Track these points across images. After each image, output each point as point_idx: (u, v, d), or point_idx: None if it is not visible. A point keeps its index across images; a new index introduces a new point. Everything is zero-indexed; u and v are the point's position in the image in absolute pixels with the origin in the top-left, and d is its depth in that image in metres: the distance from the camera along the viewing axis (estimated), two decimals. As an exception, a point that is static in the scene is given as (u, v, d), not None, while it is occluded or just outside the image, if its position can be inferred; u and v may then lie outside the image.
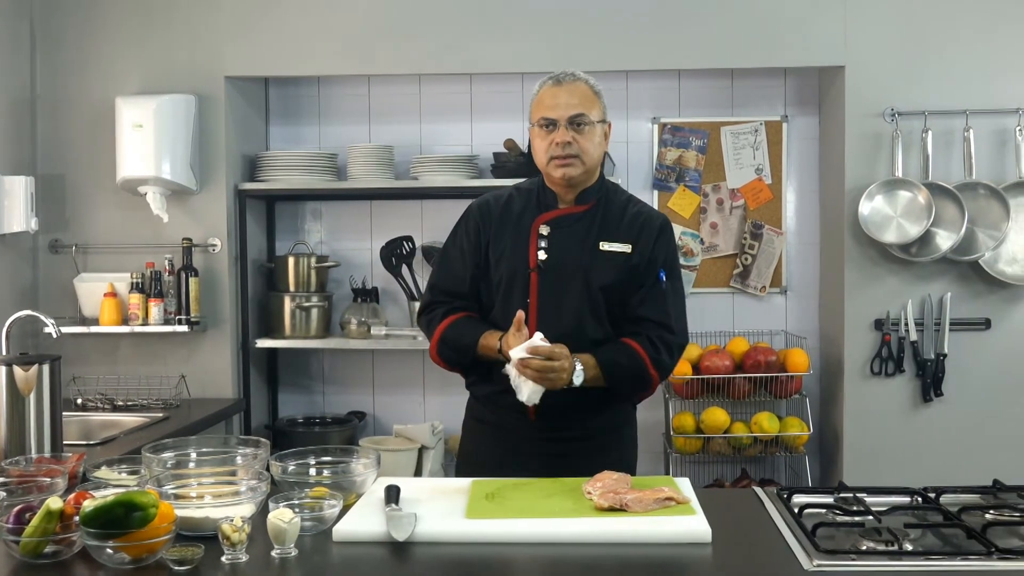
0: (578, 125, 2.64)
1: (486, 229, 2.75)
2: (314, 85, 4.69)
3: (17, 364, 2.59)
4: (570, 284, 2.66)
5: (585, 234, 2.69)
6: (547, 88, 2.70)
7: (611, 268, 2.66)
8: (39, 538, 1.87)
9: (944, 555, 1.85)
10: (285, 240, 4.69)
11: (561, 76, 2.71)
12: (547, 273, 2.66)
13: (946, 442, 4.15)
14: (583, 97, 2.67)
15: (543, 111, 2.66)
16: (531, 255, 2.67)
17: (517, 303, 2.65)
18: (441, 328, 2.73)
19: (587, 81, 2.72)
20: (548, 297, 2.65)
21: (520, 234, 2.71)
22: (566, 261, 2.67)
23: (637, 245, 2.68)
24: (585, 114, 2.64)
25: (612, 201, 2.76)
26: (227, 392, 4.26)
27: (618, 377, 2.63)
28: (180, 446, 2.40)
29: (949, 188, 4.05)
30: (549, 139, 2.64)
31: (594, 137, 2.67)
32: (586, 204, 2.72)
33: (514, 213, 2.75)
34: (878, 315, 4.18)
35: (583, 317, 2.65)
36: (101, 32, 4.26)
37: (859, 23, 4.13)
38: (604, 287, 2.65)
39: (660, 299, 2.69)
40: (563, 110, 2.64)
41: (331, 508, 2.08)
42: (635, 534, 1.98)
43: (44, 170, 4.26)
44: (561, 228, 2.70)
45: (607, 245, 2.68)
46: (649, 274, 2.69)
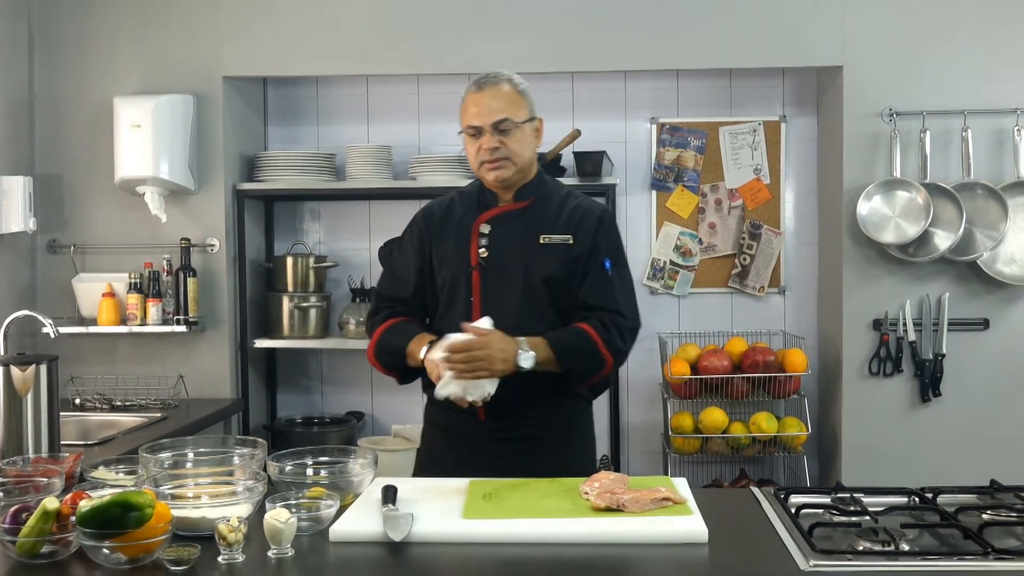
0: (503, 131, 2.65)
1: (429, 234, 2.79)
2: (312, 85, 4.69)
3: (14, 364, 2.58)
4: (512, 279, 2.68)
5: (525, 229, 2.72)
6: (471, 95, 2.70)
7: (552, 260, 2.68)
8: (35, 538, 1.87)
9: (941, 555, 1.85)
10: (284, 240, 4.69)
11: (483, 81, 2.70)
12: (488, 270, 2.69)
13: (944, 442, 4.15)
14: (506, 100, 2.66)
15: (468, 119, 2.68)
16: (472, 254, 2.71)
17: (461, 302, 2.70)
18: (379, 332, 2.78)
19: (511, 80, 2.71)
20: (491, 294, 2.68)
21: (462, 235, 2.74)
22: (507, 257, 2.69)
23: (578, 236, 2.70)
24: (509, 118, 2.65)
25: (551, 196, 2.78)
26: (225, 392, 4.26)
27: (570, 357, 2.62)
28: (177, 446, 2.40)
29: (947, 188, 4.05)
30: (477, 145, 2.67)
31: (522, 138, 2.68)
32: (525, 201, 2.75)
33: (456, 216, 2.78)
34: (876, 315, 4.18)
35: (526, 311, 2.67)
36: (99, 32, 4.26)
37: (857, 23, 4.13)
38: (546, 279, 2.67)
39: (607, 287, 2.70)
40: (486, 116, 2.65)
41: (328, 508, 2.09)
42: (632, 534, 1.98)
43: (42, 170, 4.26)
44: (501, 225, 2.73)
45: (547, 238, 2.70)
46: (592, 264, 2.70)
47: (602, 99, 4.63)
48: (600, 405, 4.41)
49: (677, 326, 4.60)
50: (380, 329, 2.78)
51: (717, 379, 4.20)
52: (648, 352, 4.60)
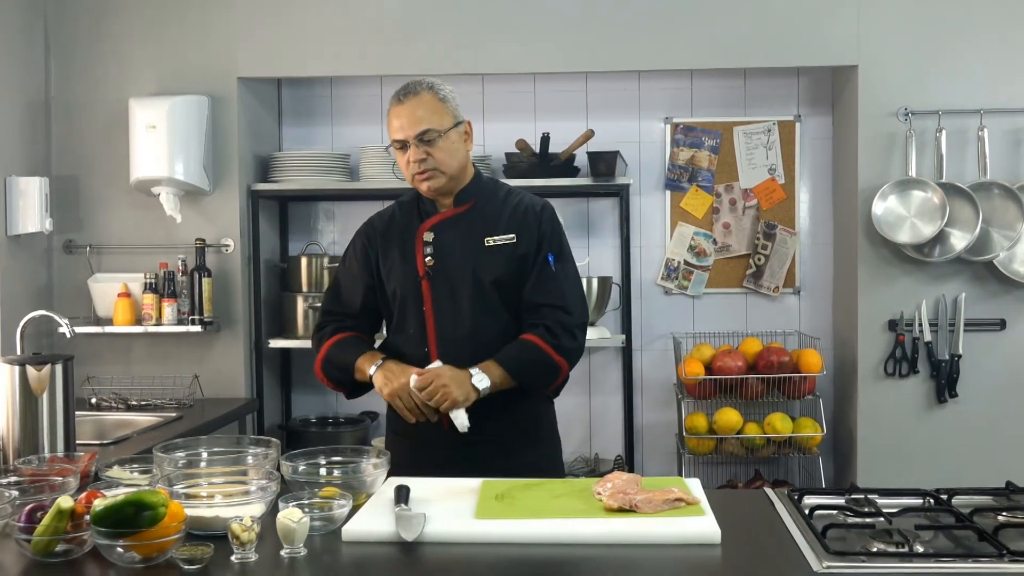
0: (428, 141, 2.62)
1: (373, 247, 2.79)
2: (326, 85, 4.70)
3: (30, 364, 2.60)
4: (461, 285, 2.68)
5: (468, 233, 2.71)
6: (393, 108, 2.68)
7: (499, 261, 2.68)
8: (50, 537, 1.88)
9: (955, 557, 1.84)
10: (298, 240, 4.70)
11: (402, 93, 2.67)
12: (436, 278, 2.69)
13: (961, 443, 4.13)
14: (427, 110, 2.63)
15: (393, 132, 2.67)
16: (419, 263, 2.70)
17: (413, 312, 2.70)
18: (327, 346, 2.78)
19: (431, 88, 2.67)
20: (442, 302, 2.68)
21: (406, 245, 2.74)
22: (453, 263, 2.69)
23: (521, 234, 2.70)
24: (431, 128, 2.62)
25: (491, 197, 2.77)
26: (240, 392, 4.28)
27: (524, 373, 2.64)
28: (191, 446, 2.40)
29: (963, 188, 4.03)
30: (405, 158, 2.65)
31: (448, 146, 2.65)
32: (466, 204, 2.74)
33: (398, 226, 2.78)
34: (892, 315, 4.16)
35: (479, 315, 2.67)
36: (114, 34, 4.28)
37: (872, 22, 4.11)
38: (495, 281, 2.67)
39: (551, 282, 2.69)
40: (409, 129, 2.63)
41: (340, 508, 2.09)
42: (644, 535, 1.98)
43: (58, 171, 4.28)
44: (444, 231, 2.72)
45: (492, 239, 2.70)
46: (534, 261, 2.70)
47: (616, 99, 4.62)
48: (614, 406, 4.48)
49: (691, 326, 4.59)
50: (328, 344, 2.78)
51: (731, 380, 4.19)
52: (662, 352, 4.60)
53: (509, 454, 2.67)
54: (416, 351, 2.70)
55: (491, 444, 2.67)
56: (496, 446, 2.68)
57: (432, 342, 2.69)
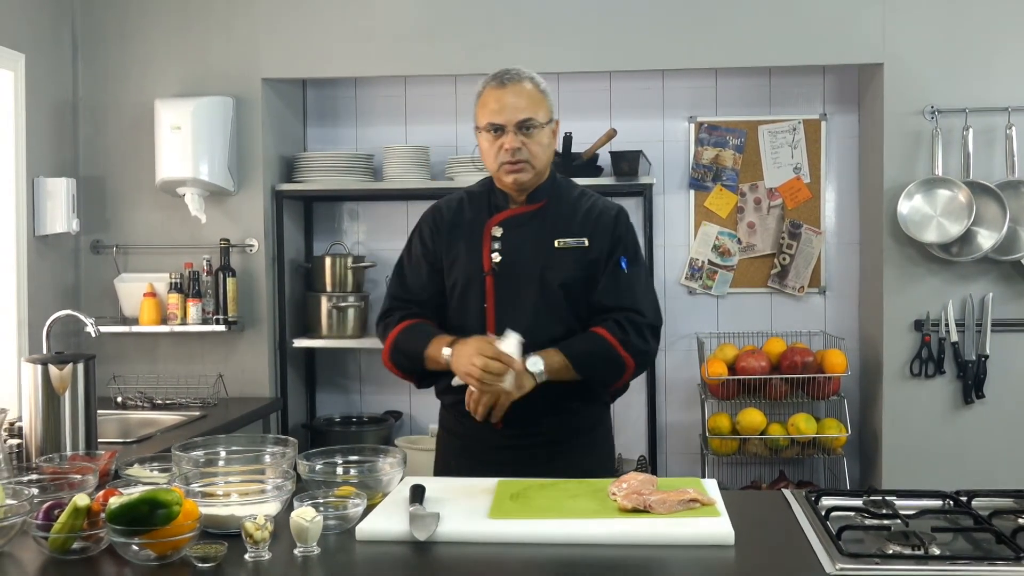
0: (527, 129, 2.54)
1: (438, 235, 2.69)
2: (351, 86, 4.72)
3: (52, 363, 2.63)
4: (526, 285, 2.59)
5: (539, 233, 2.62)
6: (491, 90, 2.58)
7: (568, 264, 2.59)
8: (66, 534, 1.90)
9: (971, 560, 1.82)
10: (323, 240, 4.73)
11: (505, 76, 2.59)
12: (502, 276, 2.60)
13: (988, 445, 4.09)
14: (529, 98, 2.56)
15: (489, 115, 2.56)
16: (485, 259, 2.61)
17: (473, 308, 2.62)
18: (394, 333, 2.67)
19: (532, 79, 2.61)
20: (504, 300, 2.59)
21: (473, 238, 2.64)
22: (521, 262, 2.60)
23: (594, 238, 2.61)
24: (533, 117, 2.55)
25: (564, 197, 2.68)
26: (264, 391, 4.30)
27: (586, 364, 2.54)
28: (209, 445, 2.42)
29: (990, 186, 3.98)
30: (497, 144, 2.55)
31: (543, 139, 2.58)
32: (538, 202, 2.65)
33: (466, 217, 2.68)
34: (918, 316, 4.12)
35: (541, 317, 2.57)
36: (141, 36, 4.32)
37: (898, 19, 4.07)
38: (563, 284, 2.58)
39: (624, 285, 2.61)
40: (510, 114, 2.54)
41: (355, 507, 2.09)
42: (657, 536, 1.97)
43: (86, 172, 4.33)
44: (514, 228, 2.64)
45: (562, 242, 2.61)
46: (606, 265, 2.61)
47: (639, 98, 4.61)
48: (638, 406, 4.45)
49: (716, 326, 4.57)
50: (395, 331, 2.67)
51: (755, 380, 4.16)
52: (686, 352, 4.58)
53: (562, 457, 2.58)
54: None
55: (544, 447, 2.60)
56: (549, 449, 2.60)
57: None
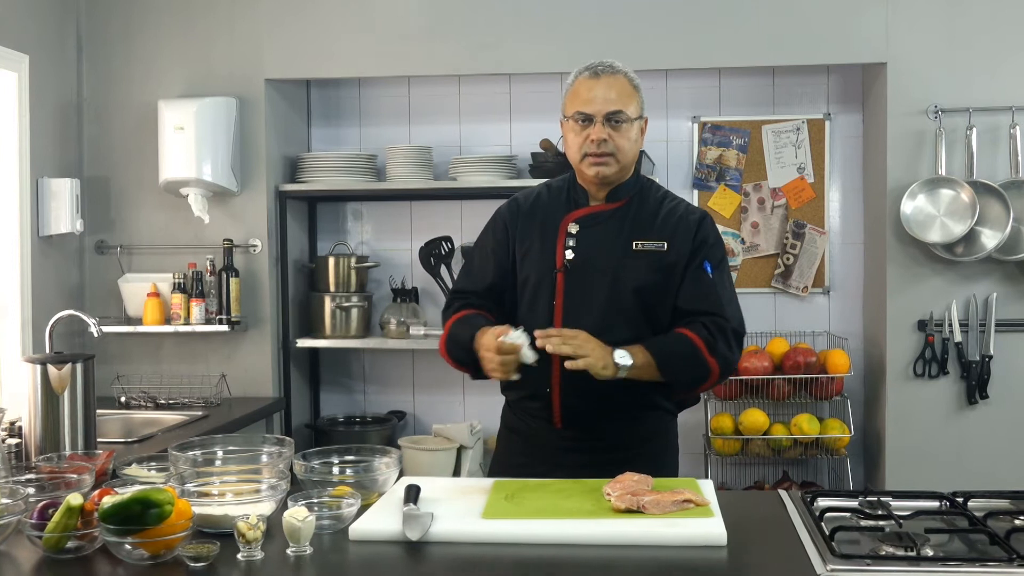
0: (616, 123, 2.50)
1: (513, 229, 2.63)
2: (354, 87, 4.73)
3: (51, 363, 2.64)
4: (598, 285, 2.52)
5: (617, 233, 2.55)
6: (583, 80, 2.54)
7: (645, 268, 2.52)
8: (60, 534, 1.91)
9: (962, 561, 1.81)
10: (327, 240, 4.73)
11: (599, 67, 2.54)
12: (574, 274, 2.53)
13: (992, 446, 4.07)
14: (621, 91, 2.52)
15: (579, 105, 2.51)
16: (558, 254, 2.55)
17: (543, 304, 2.55)
18: (449, 324, 2.62)
19: (626, 74, 2.56)
20: (574, 298, 2.52)
21: (548, 233, 2.58)
22: (595, 261, 2.53)
23: (673, 243, 2.54)
24: (623, 111, 2.50)
25: (646, 198, 2.61)
26: (267, 391, 4.31)
27: (672, 366, 2.46)
28: (206, 445, 2.43)
29: (993, 186, 3.96)
30: (584, 135, 2.51)
31: (631, 134, 2.53)
32: (619, 201, 2.58)
33: (543, 211, 2.62)
34: (922, 316, 4.11)
35: (612, 319, 2.49)
36: (145, 37, 4.33)
37: (902, 19, 4.06)
38: (637, 288, 2.51)
39: (708, 289, 2.53)
40: (600, 105, 2.49)
41: (349, 507, 2.10)
42: (649, 536, 1.97)
43: (90, 172, 4.35)
44: (591, 226, 2.56)
45: (641, 244, 2.53)
46: (690, 269, 2.54)
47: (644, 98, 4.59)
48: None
49: (719, 326, 4.55)
50: (451, 321, 2.62)
51: (757, 380, 4.16)
52: (690, 353, 4.57)
53: (624, 464, 2.40)
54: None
55: (605, 452, 2.55)
56: (611, 455, 2.53)
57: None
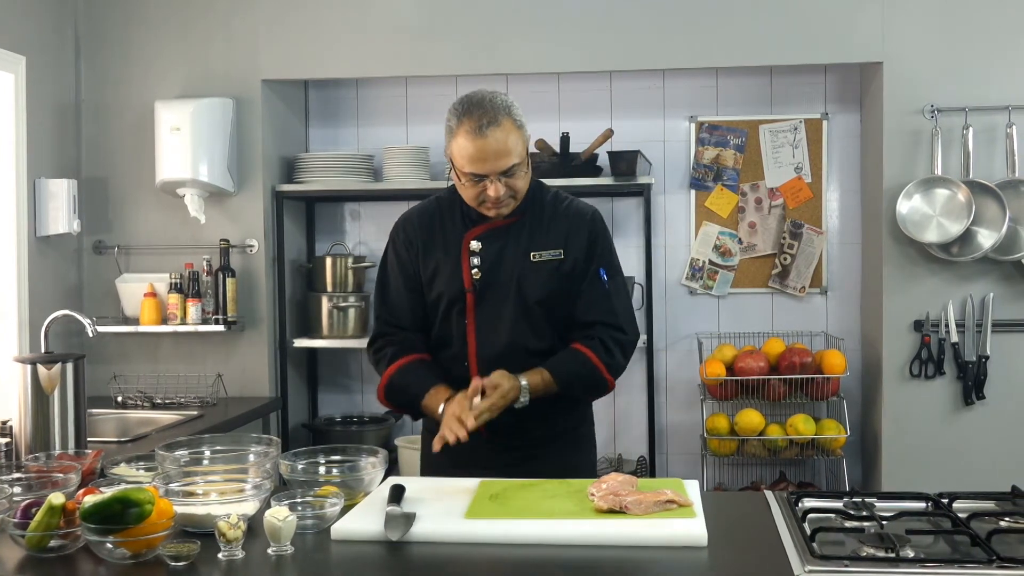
0: (510, 176, 2.47)
1: (413, 250, 2.64)
2: (352, 87, 4.73)
3: (41, 363, 2.65)
4: (505, 300, 2.57)
5: (515, 245, 2.58)
6: (469, 138, 2.42)
7: (544, 278, 2.56)
8: (42, 533, 1.92)
9: (941, 562, 1.81)
10: (325, 241, 4.74)
11: (482, 122, 2.41)
12: (482, 293, 2.57)
13: (988, 446, 4.06)
14: (507, 142, 2.43)
15: (469, 165, 2.44)
16: (464, 275, 2.57)
17: (455, 325, 2.60)
18: (389, 373, 2.64)
19: (509, 113, 2.46)
20: (485, 318, 2.57)
21: (450, 251, 2.60)
22: (499, 277, 2.57)
23: (568, 249, 2.58)
24: (516, 163, 2.46)
25: (539, 205, 2.62)
26: (264, 391, 4.32)
27: (572, 385, 2.58)
28: (193, 444, 2.44)
29: (990, 186, 3.95)
30: (478, 189, 2.48)
31: (525, 172, 2.52)
32: (516, 215, 2.59)
33: (441, 228, 2.62)
34: (918, 316, 4.10)
35: (520, 334, 2.57)
36: (141, 38, 4.35)
37: (898, 18, 4.05)
38: (540, 300, 2.56)
39: (604, 299, 2.60)
40: (492, 164, 2.43)
41: (332, 507, 2.10)
42: (630, 536, 1.97)
43: (88, 173, 4.36)
44: (492, 241, 2.58)
45: (538, 254, 2.57)
46: (583, 276, 2.59)
47: (640, 98, 4.60)
48: (638, 406, 4.46)
49: (716, 327, 4.56)
50: (389, 372, 2.64)
51: (753, 380, 4.15)
52: (687, 353, 4.58)
53: (543, 458, 2.58)
54: (457, 367, 2.61)
55: (527, 448, 2.61)
56: (530, 451, 2.61)
57: (472, 359, 2.59)
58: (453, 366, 2.63)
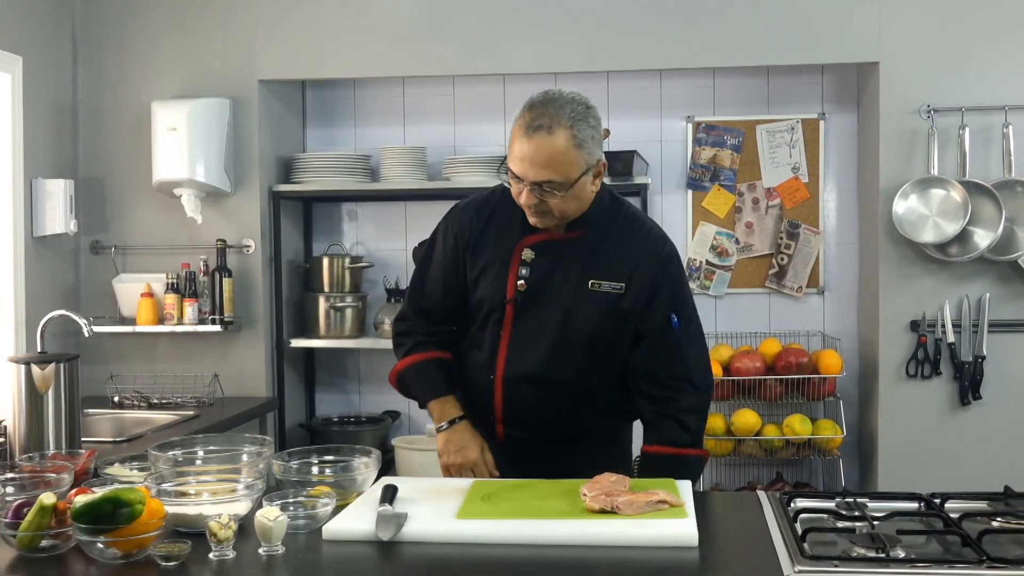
0: (544, 191, 2.28)
1: (463, 242, 2.49)
2: (349, 87, 4.74)
3: (34, 363, 2.66)
4: (548, 323, 2.40)
5: (573, 265, 2.40)
6: (517, 133, 2.28)
7: (599, 312, 2.38)
8: (33, 532, 1.92)
9: (931, 563, 1.81)
10: (322, 241, 4.75)
11: (535, 124, 2.24)
12: (524, 307, 2.41)
13: (985, 447, 4.05)
14: (553, 158, 2.23)
15: (512, 161, 2.29)
16: (510, 283, 2.42)
17: (490, 333, 2.46)
18: (402, 365, 2.58)
19: (570, 126, 2.24)
20: (521, 334, 2.42)
21: (500, 255, 2.44)
22: (547, 295, 2.40)
23: (631, 285, 2.39)
24: (554, 180, 2.25)
25: (609, 225, 2.43)
26: (261, 391, 4.32)
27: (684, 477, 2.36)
28: (187, 444, 2.44)
29: (986, 186, 3.95)
30: (517, 188, 2.32)
31: (569, 197, 2.30)
32: (578, 230, 2.41)
33: (497, 227, 2.47)
34: (914, 316, 4.09)
35: (556, 362, 2.41)
36: (139, 39, 4.35)
37: (894, 18, 4.05)
38: (590, 334, 2.39)
39: (674, 350, 2.41)
40: (529, 171, 2.26)
41: (324, 507, 2.10)
42: (620, 537, 1.96)
43: (85, 173, 4.37)
44: (547, 254, 2.41)
45: (597, 283, 2.39)
46: (648, 319, 2.40)
47: (637, 98, 4.60)
48: (633, 406, 4.43)
49: (714, 327, 4.55)
50: (404, 363, 2.57)
51: (749, 381, 4.15)
52: (684, 353, 4.56)
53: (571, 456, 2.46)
54: (482, 378, 2.49)
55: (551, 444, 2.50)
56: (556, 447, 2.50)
57: (499, 375, 2.46)
58: (480, 374, 2.50)
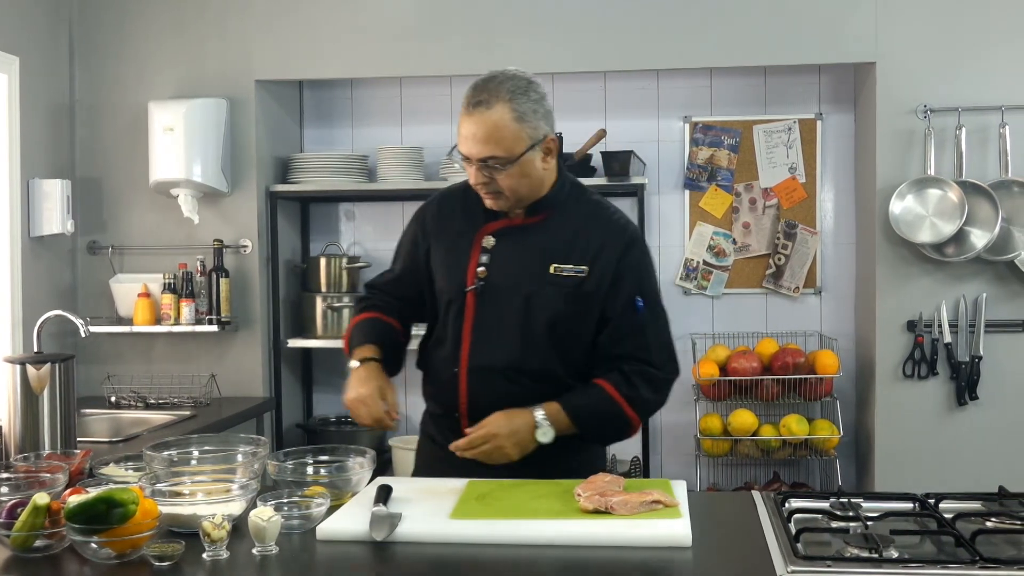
0: (490, 168, 2.26)
1: (424, 235, 2.49)
2: (347, 87, 4.74)
3: (30, 363, 2.65)
4: (509, 312, 2.36)
5: (533, 251, 2.36)
6: (462, 113, 2.28)
7: (561, 297, 2.34)
8: (27, 533, 1.92)
9: (924, 563, 1.81)
10: (319, 241, 4.75)
11: (474, 99, 2.24)
12: (484, 297, 2.37)
13: (982, 447, 4.06)
14: (492, 132, 2.22)
15: (459, 142, 2.28)
16: (470, 272, 2.38)
17: (452, 325, 2.42)
18: (351, 324, 2.57)
19: (509, 99, 2.23)
20: (483, 324, 2.38)
21: (460, 244, 2.41)
22: (507, 282, 2.36)
23: (594, 268, 2.34)
24: (495, 156, 2.23)
25: (572, 210, 2.40)
26: (258, 391, 4.33)
27: (592, 426, 2.38)
28: (182, 444, 2.44)
29: (982, 186, 3.95)
30: (470, 169, 2.30)
31: (517, 171, 2.26)
32: (538, 215, 2.38)
33: (461, 217, 2.45)
34: (911, 316, 4.10)
35: (520, 351, 2.37)
36: (136, 39, 4.35)
37: (891, 18, 4.05)
38: (551, 321, 2.35)
39: (636, 332, 2.37)
40: (472, 148, 2.24)
41: (318, 507, 2.10)
42: (614, 537, 1.96)
43: (82, 173, 4.37)
44: (507, 241, 2.38)
45: (558, 267, 2.34)
46: (612, 303, 2.36)
47: (634, 98, 4.61)
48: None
49: (711, 327, 4.56)
50: (351, 323, 2.57)
51: (746, 381, 4.15)
52: (681, 353, 4.41)
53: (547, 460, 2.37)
54: (446, 371, 2.44)
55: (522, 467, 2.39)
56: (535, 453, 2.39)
57: (463, 367, 2.41)
58: (444, 368, 2.45)
